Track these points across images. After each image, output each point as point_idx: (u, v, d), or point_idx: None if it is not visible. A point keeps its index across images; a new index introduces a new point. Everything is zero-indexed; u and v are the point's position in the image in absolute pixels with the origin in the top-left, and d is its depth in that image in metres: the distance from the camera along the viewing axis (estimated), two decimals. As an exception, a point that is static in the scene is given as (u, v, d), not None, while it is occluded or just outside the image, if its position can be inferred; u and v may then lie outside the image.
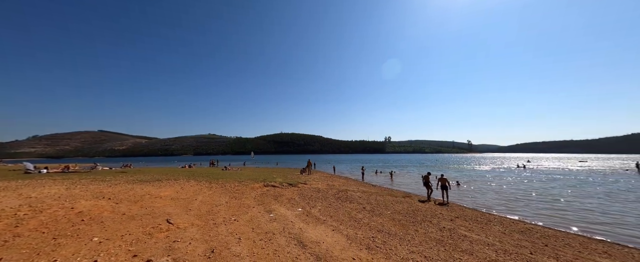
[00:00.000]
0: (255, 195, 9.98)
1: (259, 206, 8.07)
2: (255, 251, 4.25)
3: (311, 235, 5.30)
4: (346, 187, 14.12)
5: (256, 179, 14.36)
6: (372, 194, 11.95)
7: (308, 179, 16.95)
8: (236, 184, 12.45)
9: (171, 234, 5.00)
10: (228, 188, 11.12)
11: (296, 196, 10.18)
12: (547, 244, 5.69)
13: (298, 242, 4.81)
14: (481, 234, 6.20)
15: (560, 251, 5.22)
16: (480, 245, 5.28)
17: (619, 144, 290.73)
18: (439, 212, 8.72)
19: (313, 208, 8.11)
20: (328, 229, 5.82)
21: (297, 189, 12.17)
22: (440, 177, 11.79)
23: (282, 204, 8.46)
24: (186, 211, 6.96)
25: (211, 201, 8.39)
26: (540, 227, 7.63)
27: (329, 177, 20.58)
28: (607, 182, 19.15)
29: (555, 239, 6.17)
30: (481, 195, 14.02)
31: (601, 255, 5.16)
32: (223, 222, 5.99)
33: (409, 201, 10.87)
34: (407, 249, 4.77)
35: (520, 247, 5.27)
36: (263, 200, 9.04)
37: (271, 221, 6.31)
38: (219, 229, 5.39)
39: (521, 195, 13.77)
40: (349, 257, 4.21)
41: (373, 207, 8.73)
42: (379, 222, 6.79)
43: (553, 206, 11.04)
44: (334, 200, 9.87)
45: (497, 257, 4.61)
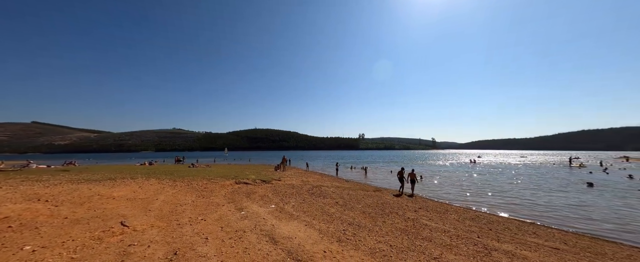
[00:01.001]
0: (225, 193, 9.53)
1: (229, 204, 7.72)
2: (223, 250, 4.07)
3: (283, 231, 5.26)
4: (320, 183, 14.31)
5: (227, 177, 13.70)
6: (345, 189, 12.31)
7: (282, 176, 16.75)
8: (205, 182, 11.73)
9: (126, 237, 4.51)
10: (195, 186, 10.42)
11: (269, 193, 9.99)
12: (491, 228, 6.54)
13: (270, 238, 4.74)
14: (439, 222, 6.84)
15: (501, 234, 6.04)
16: (438, 232, 5.84)
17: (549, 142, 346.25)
18: (405, 204, 9.38)
19: (286, 204, 8.06)
20: (301, 225, 5.85)
21: (271, 186, 11.95)
22: (410, 173, 12.81)
23: (254, 201, 8.23)
24: (145, 212, 6.34)
25: (175, 201, 7.77)
26: (487, 214, 8.73)
27: (303, 174, 20.61)
28: (540, 173, 22.74)
29: (497, 223, 7.12)
30: (441, 187, 15.47)
31: (531, 235, 6.12)
32: (188, 222, 5.60)
33: (379, 194, 11.47)
34: (375, 240, 5.04)
35: (470, 232, 5.96)
36: (234, 198, 8.67)
37: (242, 218, 6.10)
38: (183, 230, 5.03)
39: (472, 186, 15.56)
40: (320, 250, 4.29)
41: (345, 202, 9.01)
42: (350, 215, 7.04)
43: (497, 195, 12.72)
44: (308, 196, 9.94)
45: (451, 242, 5.15)
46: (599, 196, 12.58)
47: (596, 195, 12.76)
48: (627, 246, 5.98)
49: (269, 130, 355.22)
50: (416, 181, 12.32)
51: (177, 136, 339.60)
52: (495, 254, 4.60)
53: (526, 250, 4.97)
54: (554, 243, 5.63)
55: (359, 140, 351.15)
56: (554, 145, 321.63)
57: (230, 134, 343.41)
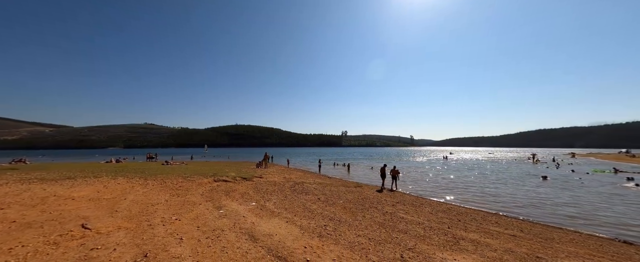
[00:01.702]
0: (202, 191, 9.13)
1: (207, 202, 7.42)
2: (199, 250, 3.91)
3: (264, 228, 5.20)
4: (303, 180, 14.32)
5: (205, 174, 13.13)
6: (327, 186, 12.46)
7: (264, 173, 16.47)
8: (180, 180, 11.12)
9: (88, 241, 4.13)
10: (169, 185, 9.84)
11: (250, 190, 9.78)
12: (460, 219, 7.07)
13: (249, 236, 4.66)
14: (415, 215, 7.24)
15: (468, 224, 6.56)
16: (413, 224, 6.17)
17: (512, 139, 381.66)
18: (384, 199, 9.75)
19: (268, 201, 7.95)
20: (282, 221, 5.82)
21: (252, 183, 11.70)
22: (392, 169, 13.37)
23: (234, 199, 8.00)
24: (111, 213, 5.86)
25: (146, 200, 7.27)
26: (457, 206, 9.41)
27: (286, 170, 20.46)
28: (503, 168, 25.00)
29: (466, 215, 7.71)
30: (417, 182, 16.33)
31: (493, 225, 6.73)
32: (161, 222, 5.29)
33: (360, 190, 11.79)
34: (355, 234, 5.19)
35: (441, 224, 6.39)
36: (212, 196, 8.35)
37: (220, 217, 5.90)
38: (155, 231, 4.74)
39: (445, 181, 16.66)
40: (300, 246, 4.31)
41: (327, 198, 9.13)
42: (331, 211, 7.15)
43: (466, 188, 13.76)
44: (290, 192, 9.90)
45: (425, 233, 5.48)
46: (551, 188, 14.18)
47: (548, 187, 14.37)
48: (570, 231, 6.84)
49: (250, 126, 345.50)
50: (397, 177, 12.90)
51: (149, 132, 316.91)
52: (463, 243, 4.98)
53: (489, 238, 5.45)
54: (513, 231, 6.25)
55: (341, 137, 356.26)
56: (517, 142, 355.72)
57: (209, 130, 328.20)
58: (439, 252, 4.37)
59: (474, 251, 4.54)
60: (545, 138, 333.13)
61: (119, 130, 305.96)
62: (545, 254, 4.64)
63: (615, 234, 6.71)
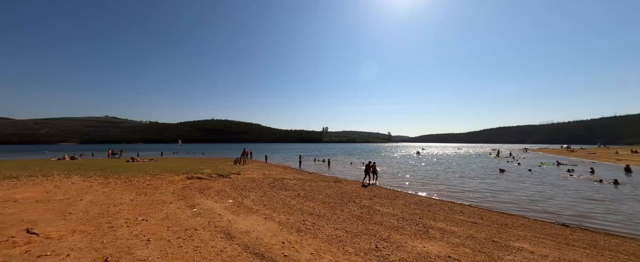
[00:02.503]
0: (174, 189, 8.59)
1: (178, 201, 7.00)
2: (169, 251, 3.69)
3: (241, 226, 5.07)
4: (283, 176, 14.19)
5: (177, 171, 12.34)
6: (307, 181, 12.50)
7: (243, 169, 15.98)
8: (148, 177, 10.32)
9: (35, 247, 3.66)
10: (135, 183, 9.08)
11: (227, 188, 9.44)
12: (430, 210, 7.61)
13: (225, 235, 4.51)
14: (390, 208, 7.61)
15: (437, 214, 7.10)
16: (388, 216, 6.50)
17: (478, 136, 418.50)
18: (362, 193, 10.08)
19: (246, 199, 7.75)
20: (260, 218, 5.72)
21: (229, 180, 11.30)
22: (371, 164, 13.88)
23: (209, 197, 7.65)
24: (63, 215, 5.24)
25: (107, 201, 6.64)
26: (427, 198, 10.10)
27: (266, 167, 20.08)
28: (469, 163, 27.35)
29: (435, 206, 8.32)
30: (393, 176, 17.18)
31: (458, 214, 7.36)
32: (125, 224, 4.87)
33: (339, 185, 12.04)
34: (333, 227, 5.30)
35: (413, 215, 6.82)
36: (185, 194, 7.90)
37: (194, 216, 5.62)
38: (118, 233, 4.35)
39: (417, 175, 17.76)
40: (278, 241, 4.29)
41: (307, 193, 9.17)
42: (311, 206, 7.21)
43: (436, 181, 14.82)
44: (269, 189, 9.76)
45: (398, 224, 5.80)
46: (507, 180, 15.89)
47: (505, 179, 16.07)
48: (521, 217, 7.76)
49: (228, 121, 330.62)
50: (376, 172, 13.45)
51: (112, 126, 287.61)
52: (431, 231, 5.38)
53: (454, 226, 5.95)
54: (474, 219, 6.90)
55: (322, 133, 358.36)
56: (481, 138, 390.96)
57: (182, 125, 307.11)
58: (411, 241, 4.66)
59: (441, 238, 4.93)
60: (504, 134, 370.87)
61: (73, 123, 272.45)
62: (500, 238, 5.20)
63: (555, 218, 7.77)
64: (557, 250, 4.67)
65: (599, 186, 13.40)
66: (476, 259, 3.97)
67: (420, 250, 4.22)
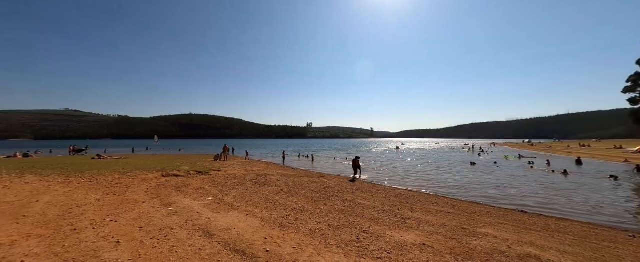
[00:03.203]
0: (147, 188, 8.08)
1: (152, 199, 6.61)
2: (142, 252, 3.49)
3: (221, 223, 4.93)
4: (266, 172, 13.99)
5: (150, 169, 11.60)
6: (290, 177, 12.46)
7: (223, 166, 15.46)
8: (117, 176, 9.58)
9: (-21, 256, 3.24)
10: (102, 182, 8.38)
11: (206, 185, 9.09)
12: (408, 201, 8.02)
13: (204, 233, 4.36)
14: (371, 200, 7.88)
15: (414, 205, 7.50)
16: (369, 209, 6.73)
17: (453, 131, 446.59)
18: (345, 187, 10.30)
19: (227, 195, 7.54)
20: (242, 215, 5.61)
21: (209, 177, 10.88)
22: (354, 159, 14.19)
23: (186, 195, 7.32)
24: (15, 219, 4.70)
25: (68, 202, 6.07)
26: (406, 190, 10.61)
27: (248, 163, 19.62)
28: (444, 157, 29.14)
29: (412, 197, 8.78)
30: (375, 170, 17.76)
31: (433, 204, 7.85)
32: (90, 225, 4.50)
33: (323, 180, 12.17)
34: (316, 221, 5.37)
35: (393, 207, 7.14)
36: (159, 193, 7.47)
37: (169, 215, 5.35)
38: (82, 236, 4.01)
39: (397, 168, 18.55)
40: (260, 237, 4.26)
41: (290, 189, 9.15)
42: (294, 201, 7.22)
43: (414, 174, 15.61)
44: (252, 185, 9.58)
45: (378, 216, 6.04)
46: (477, 172, 17.19)
47: (475, 171, 17.38)
48: (488, 205, 8.48)
49: (208, 116, 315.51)
50: (359, 166, 13.79)
51: (73, 120, 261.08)
52: (409, 222, 5.68)
53: (429, 216, 6.34)
54: (447, 208, 7.40)
55: (306, 129, 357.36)
56: (456, 134, 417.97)
57: (156, 120, 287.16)
58: (389, 232, 4.88)
59: (417, 228, 5.22)
60: (476, 130, 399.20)
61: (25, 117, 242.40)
62: (469, 225, 5.65)
63: (516, 206, 8.60)
64: (517, 234, 5.19)
65: (553, 176, 15.04)
66: (447, 245, 4.28)
67: (397, 239, 4.44)
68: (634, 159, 22.95)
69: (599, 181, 13.31)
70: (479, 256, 3.85)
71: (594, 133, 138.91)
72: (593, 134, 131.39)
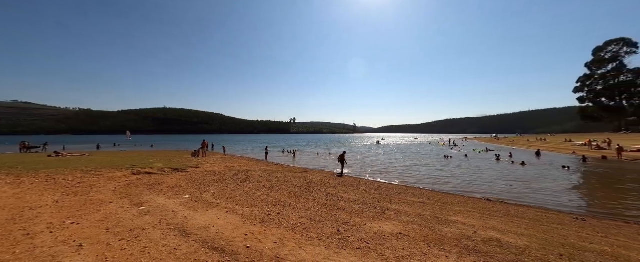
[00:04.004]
0: (115, 187, 7.49)
1: (121, 199, 6.15)
2: (109, 255, 3.24)
3: (199, 221, 4.75)
4: (247, 168, 13.68)
5: (118, 166, 10.73)
6: (273, 173, 12.32)
7: (202, 163, 14.82)
8: (79, 175, 8.74)
9: None
10: (61, 182, 7.60)
11: (183, 182, 8.66)
12: (387, 194, 8.37)
13: (180, 232, 4.17)
14: (352, 194, 8.10)
15: (393, 197, 7.86)
16: (351, 202, 6.92)
17: (430, 127, 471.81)
18: (328, 181, 10.44)
19: (205, 193, 7.26)
20: (221, 212, 5.45)
21: (186, 174, 10.37)
22: (341, 154, 14.41)
23: (160, 194, 6.92)
24: (-49, 226, 4.10)
25: (19, 204, 5.43)
26: (386, 183, 11.06)
27: (228, 159, 19.01)
28: (421, 152, 30.75)
29: (391, 190, 9.18)
30: (357, 165, 18.22)
31: (410, 196, 8.29)
32: (48, 229, 4.08)
33: (306, 175, 12.21)
34: (298, 216, 5.40)
35: (372, 199, 7.41)
36: (129, 192, 6.97)
37: (141, 215, 5.02)
38: (37, 241, 3.62)
39: (378, 162, 19.22)
40: (241, 234, 4.18)
41: (272, 185, 9.06)
42: (276, 197, 7.17)
43: (393, 167, 16.30)
44: (232, 181, 9.32)
45: (359, 209, 6.24)
46: (450, 165, 18.41)
47: (449, 164, 18.59)
48: (458, 195, 9.16)
49: (184, 110, 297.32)
50: (345, 161, 14.05)
51: (23, 113, 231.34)
52: (387, 213, 5.94)
53: (406, 206, 6.69)
54: (423, 199, 7.86)
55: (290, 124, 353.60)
56: (433, 129, 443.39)
57: (124, 114, 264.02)
58: (369, 223, 5.07)
59: (395, 218, 5.49)
60: (451, 126, 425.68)
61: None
62: (441, 214, 6.06)
63: (483, 195, 9.39)
64: (482, 220, 5.68)
65: (514, 168, 16.62)
66: (422, 233, 4.56)
67: (376, 230, 4.63)
68: (580, 151, 26.13)
69: (553, 171, 14.99)
70: (449, 242, 4.16)
71: (550, 128, 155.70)
72: (548, 129, 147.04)
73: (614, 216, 7.00)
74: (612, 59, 60.43)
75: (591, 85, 64.90)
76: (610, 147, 26.94)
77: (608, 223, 6.30)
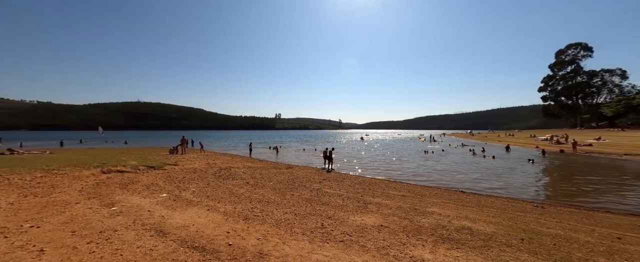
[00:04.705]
0: (82, 186, 6.93)
1: (90, 200, 5.70)
2: (75, 258, 3.01)
3: (178, 220, 4.56)
4: (230, 165, 13.31)
5: (86, 165, 9.91)
6: (257, 169, 12.12)
7: (181, 160, 14.14)
8: (39, 174, 7.94)
9: None
10: (17, 182, 6.86)
11: (160, 181, 8.22)
12: (371, 188, 8.62)
13: (156, 232, 3.98)
14: (337, 189, 8.23)
15: (375, 191, 8.12)
16: (335, 197, 7.03)
17: (412, 123, 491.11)
18: (313, 177, 10.49)
19: (185, 191, 6.96)
20: (202, 210, 5.27)
21: (163, 172, 9.85)
22: (324, 151, 14.49)
23: (135, 193, 6.52)
24: None
25: (-34, 208, 4.82)
26: (369, 178, 11.38)
27: (210, 156, 18.32)
28: (403, 147, 31.95)
29: (374, 184, 9.47)
30: (342, 160, 18.50)
31: (392, 189, 8.61)
32: (1, 234, 3.68)
33: (291, 171, 12.16)
34: (282, 212, 5.38)
35: (356, 193, 7.59)
36: (99, 191, 6.48)
37: (112, 216, 4.71)
38: (-13, 248, 3.26)
39: (363, 158, 19.68)
40: (223, 232, 4.09)
41: (256, 181, 8.92)
42: (260, 193, 7.07)
43: (376, 162, 16.79)
44: (214, 179, 9.03)
45: (343, 203, 6.37)
46: (429, 159, 19.34)
47: (428, 159, 19.52)
48: (435, 188, 9.68)
49: (161, 105, 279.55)
50: (330, 156, 14.15)
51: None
52: (370, 206, 6.13)
53: (388, 199, 6.95)
54: (403, 192, 8.21)
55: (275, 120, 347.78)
56: (415, 125, 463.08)
57: (91, 107, 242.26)
58: (352, 216, 5.20)
59: (377, 211, 5.68)
60: (431, 122, 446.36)
61: None
62: (420, 206, 6.39)
63: (458, 187, 10.01)
64: (456, 210, 6.08)
65: (486, 161, 17.88)
66: (402, 224, 4.78)
67: (359, 223, 4.77)
68: (542, 145, 28.76)
69: (520, 164, 16.37)
70: (425, 231, 4.41)
71: (518, 125, 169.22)
72: (517, 125, 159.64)
73: (567, 203, 7.85)
74: (570, 62, 66.71)
75: (553, 85, 71.29)
76: (567, 141, 29.92)
77: (562, 209, 7.05)
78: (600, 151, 22.06)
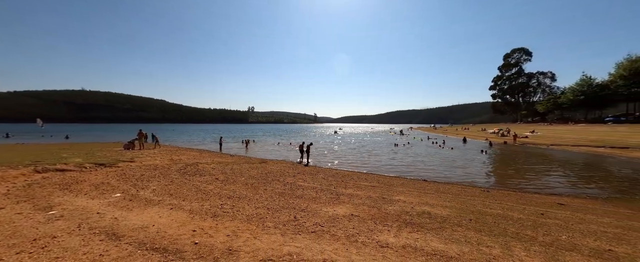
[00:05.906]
0: (8, 189, 5.84)
1: (18, 204, 4.84)
2: (0, 274, 2.56)
3: (134, 222, 4.15)
4: (197, 160, 12.45)
5: (13, 163, 8.32)
6: (228, 164, 11.57)
7: (138, 156, 12.75)
8: (-57, 176, 6.43)
9: None
10: None
11: (112, 179, 7.33)
12: (343, 180, 8.92)
13: (108, 235, 3.56)
14: (311, 182, 8.32)
15: (348, 182, 8.43)
16: (309, 190, 7.11)
17: (384, 117, 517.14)
18: (287, 171, 10.41)
19: (143, 190, 6.33)
20: (164, 209, 4.87)
21: (116, 170, 8.80)
22: (300, 144, 14.41)
23: (80, 194, 5.72)
24: None
25: None
26: (343, 171, 11.74)
27: (174, 151, 16.88)
28: (376, 141, 33.55)
29: (347, 176, 9.82)
30: (317, 154, 18.71)
31: (363, 181, 9.03)
32: None
33: (265, 165, 11.89)
34: (254, 207, 5.26)
35: (329, 186, 7.79)
36: (32, 194, 5.53)
37: (50, 221, 4.07)
38: None
39: (337, 151, 20.18)
40: (188, 231, 3.85)
41: (227, 177, 8.53)
42: (231, 189, 6.79)
43: (350, 155, 17.39)
44: (179, 176, 8.37)
45: (316, 195, 6.48)
46: (397, 152, 20.68)
47: (397, 152, 20.84)
48: (402, 178, 10.43)
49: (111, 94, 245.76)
50: (308, 151, 14.12)
51: None
52: (342, 197, 6.35)
53: (359, 190, 7.28)
54: (373, 183, 8.67)
55: (248, 113, 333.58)
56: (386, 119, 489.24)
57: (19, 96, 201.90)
58: (325, 208, 5.34)
59: (348, 202, 5.92)
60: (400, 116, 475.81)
61: None
62: (387, 194, 6.83)
63: (420, 176, 10.94)
64: (418, 197, 6.66)
65: (445, 152, 19.80)
66: (370, 212, 5.07)
67: (331, 214, 4.92)
68: (490, 137, 32.88)
69: (474, 154, 18.49)
70: (391, 218, 4.75)
71: (473, 119, 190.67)
72: (472, 120, 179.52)
73: (507, 187, 9.18)
74: (515, 64, 76.44)
75: (501, 85, 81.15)
76: (509, 134, 34.68)
77: (503, 192, 8.23)
78: (533, 142, 26.13)
